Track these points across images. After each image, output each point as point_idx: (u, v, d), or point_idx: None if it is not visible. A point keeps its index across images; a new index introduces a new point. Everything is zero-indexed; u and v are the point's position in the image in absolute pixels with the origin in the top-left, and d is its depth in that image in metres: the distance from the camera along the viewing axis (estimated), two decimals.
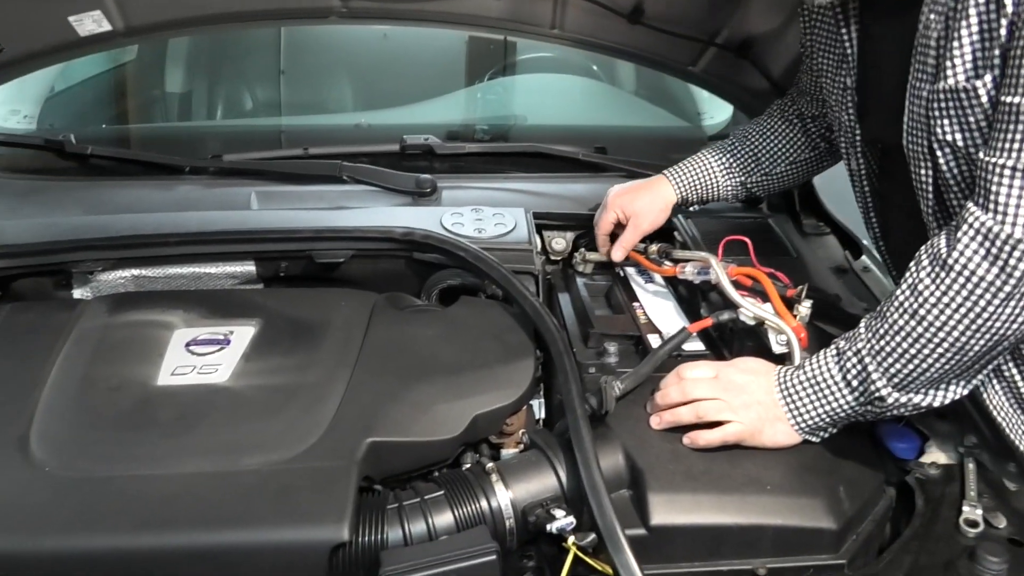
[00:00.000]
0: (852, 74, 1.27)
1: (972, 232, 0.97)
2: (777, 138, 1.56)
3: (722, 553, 1.03)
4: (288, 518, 0.95)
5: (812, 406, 1.09)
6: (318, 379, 1.16)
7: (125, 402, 1.13)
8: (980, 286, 0.96)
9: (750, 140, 1.58)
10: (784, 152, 1.57)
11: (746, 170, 1.57)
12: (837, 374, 1.08)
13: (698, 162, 1.58)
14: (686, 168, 1.57)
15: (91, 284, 1.48)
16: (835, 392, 1.08)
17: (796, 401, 1.10)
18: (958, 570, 1.01)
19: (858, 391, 1.07)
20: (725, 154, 1.58)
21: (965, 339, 0.99)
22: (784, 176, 1.58)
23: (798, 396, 1.10)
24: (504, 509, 1.03)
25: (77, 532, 0.94)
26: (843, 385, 1.08)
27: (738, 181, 1.58)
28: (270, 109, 2.55)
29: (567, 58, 2.53)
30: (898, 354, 1.03)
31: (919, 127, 1.10)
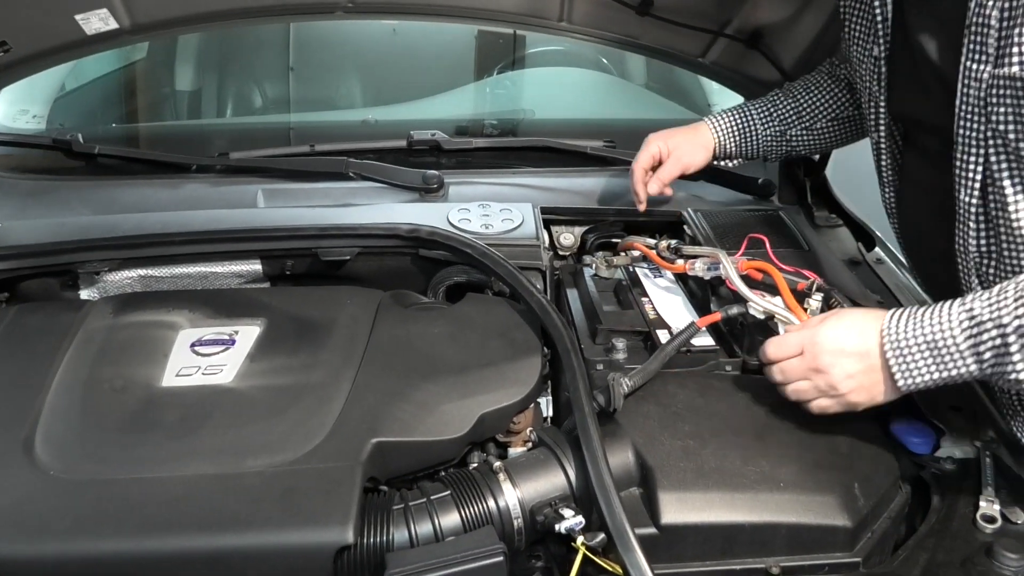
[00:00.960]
0: (880, 44, 1.24)
1: None
2: (821, 92, 1.54)
3: (734, 552, 1.01)
4: (293, 520, 0.94)
5: (927, 370, 1.01)
6: (323, 379, 1.15)
7: (130, 404, 1.12)
8: None
9: (793, 93, 1.56)
10: (827, 107, 1.54)
11: (786, 121, 1.55)
12: (963, 342, 0.98)
13: (737, 110, 1.57)
14: (725, 115, 1.56)
15: (98, 284, 1.48)
16: (957, 360, 0.99)
17: (909, 362, 1.01)
18: (976, 567, 0.99)
19: (988, 364, 0.98)
20: (766, 104, 1.57)
21: None
22: (825, 133, 1.56)
23: (911, 357, 1.01)
24: (512, 509, 1.01)
25: (81, 536, 0.94)
26: (969, 355, 0.98)
27: (777, 131, 1.55)
28: (279, 106, 2.55)
29: (576, 51, 2.51)
30: None
31: (975, 113, 1.06)
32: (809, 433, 1.12)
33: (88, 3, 1.65)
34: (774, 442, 1.10)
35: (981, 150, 1.07)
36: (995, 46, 1.01)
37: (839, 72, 1.55)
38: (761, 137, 1.55)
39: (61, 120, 2.21)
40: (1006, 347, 0.96)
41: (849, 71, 1.50)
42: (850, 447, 1.11)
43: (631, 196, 1.64)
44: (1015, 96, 0.99)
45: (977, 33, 1.03)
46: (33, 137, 1.99)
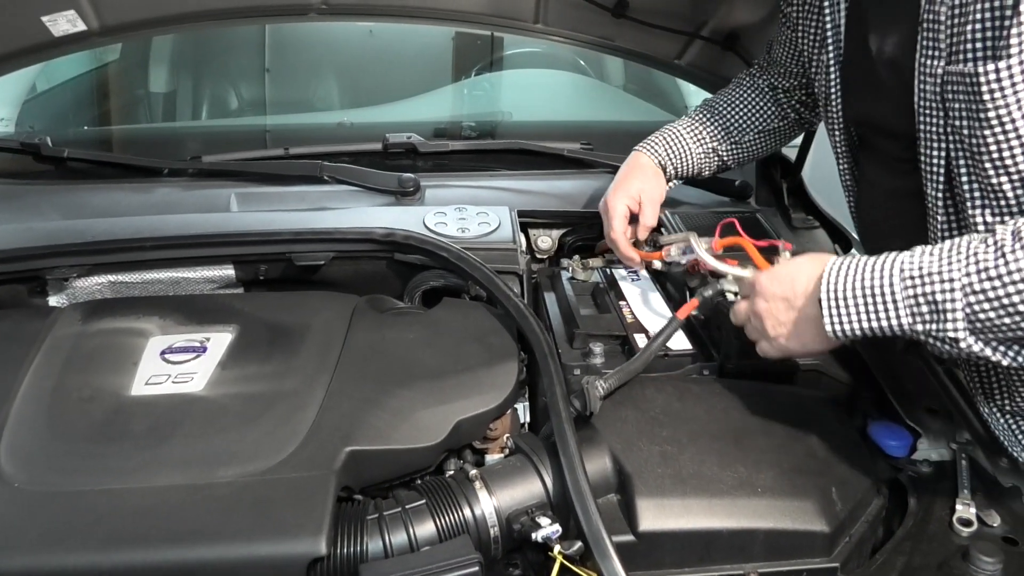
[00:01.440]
0: (830, 50, 1.24)
1: None
2: (746, 107, 1.55)
3: (713, 558, 1.01)
4: (264, 532, 0.92)
5: (858, 318, 1.00)
6: (296, 386, 1.13)
7: (97, 413, 1.10)
8: None
9: (718, 110, 1.56)
10: (754, 121, 1.55)
11: (716, 137, 1.54)
12: (900, 292, 0.96)
13: (668, 132, 1.55)
14: (657, 138, 1.54)
15: (67, 291, 1.45)
16: (891, 311, 0.97)
17: (840, 308, 1.00)
18: (952, 571, 0.99)
19: (921, 319, 0.96)
20: (694, 123, 1.55)
21: None
22: (752, 146, 1.57)
23: (844, 304, 1.00)
24: (488, 517, 1.00)
25: (47, 549, 0.91)
26: (903, 307, 0.96)
27: (709, 148, 1.55)
28: (255, 108, 2.52)
29: (554, 53, 2.51)
30: (1002, 307, 0.90)
31: (932, 108, 1.06)
32: (787, 437, 1.12)
33: (55, 4, 1.62)
34: (752, 447, 1.09)
35: (943, 144, 1.07)
36: (946, 42, 1.01)
37: (760, 83, 1.56)
38: (694, 155, 1.54)
39: (31, 123, 2.17)
40: (951, 303, 0.94)
41: (782, 77, 1.52)
42: (827, 451, 1.11)
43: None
44: (966, 92, 1.00)
45: (929, 29, 1.03)
46: (0, 140, 1.95)
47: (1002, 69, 0.96)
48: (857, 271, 1.00)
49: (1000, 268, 0.91)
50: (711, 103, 1.57)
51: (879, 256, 1.00)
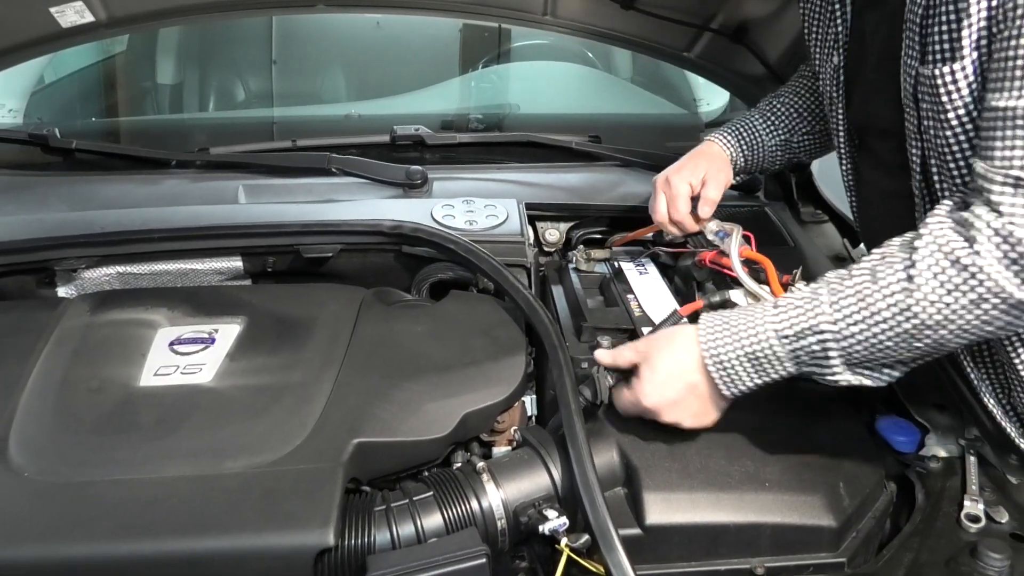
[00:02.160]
0: (840, 51, 1.24)
1: (989, 233, 0.89)
2: (814, 94, 1.49)
3: (719, 552, 1.01)
4: (272, 523, 0.93)
5: (749, 377, 1.04)
6: (304, 378, 1.13)
7: (106, 404, 1.10)
8: (992, 290, 0.89)
9: (789, 100, 1.51)
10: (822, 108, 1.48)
11: (789, 127, 1.50)
12: (782, 351, 1.00)
13: (741, 123, 1.51)
14: (730, 130, 1.50)
15: (75, 282, 1.46)
16: (776, 366, 1.02)
17: (732, 375, 1.04)
18: (960, 567, 0.99)
19: (807, 366, 1.01)
20: (766, 114, 1.51)
21: (953, 339, 0.94)
22: (825, 135, 1.50)
23: (733, 370, 1.03)
24: (495, 510, 1.00)
25: (56, 539, 0.92)
26: (788, 361, 1.01)
27: (782, 139, 1.50)
28: (262, 100, 2.51)
29: (562, 45, 2.50)
30: (871, 344, 0.97)
31: (910, 107, 1.07)
32: (794, 432, 1.12)
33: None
34: (759, 441, 1.09)
35: (918, 143, 1.08)
36: (919, 43, 1.02)
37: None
38: (768, 147, 1.50)
39: (39, 114, 2.17)
40: (825, 352, 0.99)
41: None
42: (835, 446, 1.11)
43: (616, 191, 1.63)
44: (931, 93, 1.00)
45: (909, 29, 1.04)
46: (8, 131, 1.96)
47: (956, 71, 0.96)
48: (733, 338, 1.03)
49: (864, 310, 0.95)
50: (780, 95, 1.52)
51: (747, 316, 1.03)
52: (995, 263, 0.88)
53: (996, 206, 0.89)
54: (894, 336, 0.95)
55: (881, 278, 0.95)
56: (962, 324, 0.92)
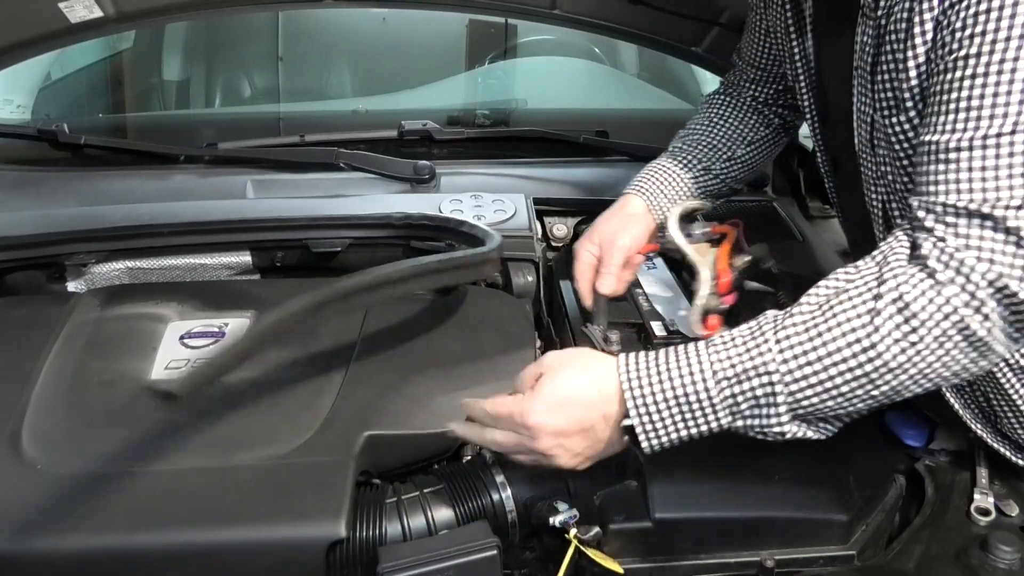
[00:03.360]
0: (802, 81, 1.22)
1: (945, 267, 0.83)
2: (727, 122, 1.46)
3: (729, 545, 1.01)
4: (284, 515, 0.93)
5: (675, 428, 0.91)
6: (314, 372, 1.14)
7: (118, 397, 1.11)
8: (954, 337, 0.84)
9: (699, 131, 1.46)
10: (740, 133, 1.46)
11: (706, 158, 1.43)
12: (718, 396, 0.90)
13: (653, 167, 1.43)
14: (644, 176, 1.42)
15: (85, 276, 1.46)
16: (708, 415, 0.91)
17: (656, 423, 0.91)
18: (969, 560, 0.99)
19: (742, 415, 0.91)
20: (678, 152, 1.44)
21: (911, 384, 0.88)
22: (749, 157, 1.47)
23: (659, 418, 0.91)
24: (506, 502, 1.00)
25: (70, 531, 0.92)
26: (722, 409, 0.90)
27: (701, 170, 1.43)
28: (268, 96, 2.52)
29: (568, 40, 2.50)
30: (825, 388, 0.88)
31: (867, 151, 1.07)
32: None
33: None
34: None
35: (876, 189, 1.08)
36: (870, 91, 1.01)
37: (734, 99, 1.48)
38: (686, 183, 1.41)
39: (47, 110, 2.18)
40: (772, 396, 0.89)
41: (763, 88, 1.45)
42: (844, 440, 1.10)
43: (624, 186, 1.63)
44: (887, 141, 1.00)
45: (860, 76, 1.03)
46: (17, 127, 1.96)
47: (905, 122, 0.96)
48: (660, 375, 0.91)
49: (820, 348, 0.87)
50: (690, 129, 1.47)
51: (681, 353, 0.91)
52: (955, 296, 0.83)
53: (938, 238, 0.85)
54: (851, 380, 0.87)
55: (840, 313, 0.87)
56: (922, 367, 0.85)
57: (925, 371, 0.86)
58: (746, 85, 1.47)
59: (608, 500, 1.02)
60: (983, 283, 0.82)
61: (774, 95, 1.46)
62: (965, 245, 0.83)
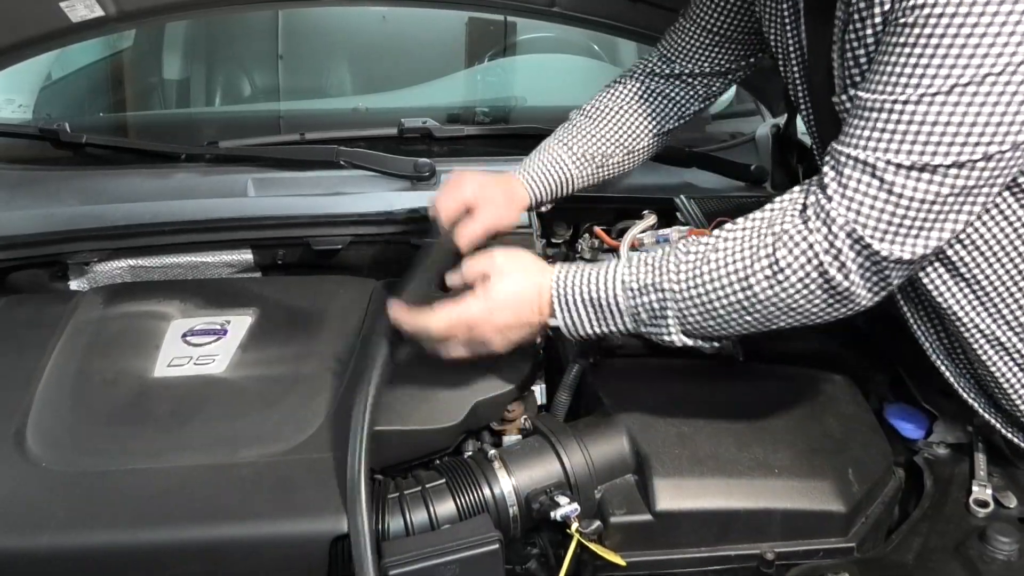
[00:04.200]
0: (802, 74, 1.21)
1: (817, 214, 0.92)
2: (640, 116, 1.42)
3: (730, 538, 1.02)
4: (287, 510, 0.94)
5: (588, 322, 1.06)
6: (316, 369, 1.15)
7: (121, 395, 1.11)
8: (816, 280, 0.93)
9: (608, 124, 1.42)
10: (649, 127, 1.43)
11: (605, 155, 1.42)
12: (624, 303, 1.03)
13: (550, 162, 1.42)
14: (537, 169, 1.42)
15: (87, 275, 1.47)
16: (616, 320, 1.04)
17: (575, 317, 1.06)
18: (968, 551, 1.00)
19: (642, 323, 1.04)
20: (579, 144, 1.42)
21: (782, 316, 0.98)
22: (648, 150, 1.46)
23: (577, 313, 1.06)
24: (507, 497, 1.01)
25: (75, 528, 0.93)
26: (628, 317, 1.04)
27: (596, 166, 1.42)
28: (269, 94, 2.52)
29: (568, 38, 2.49)
30: (706, 310, 0.99)
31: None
32: (803, 419, 1.13)
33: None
34: (768, 428, 1.10)
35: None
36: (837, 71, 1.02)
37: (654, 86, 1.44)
38: (576, 179, 1.42)
39: (48, 109, 2.18)
40: (664, 310, 1.01)
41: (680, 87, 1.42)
42: (844, 433, 1.12)
43: (624, 182, 1.63)
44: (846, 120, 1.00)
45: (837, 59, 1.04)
46: (19, 127, 1.97)
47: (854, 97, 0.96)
48: (583, 281, 1.06)
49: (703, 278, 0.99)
50: (596, 115, 1.44)
51: (602, 267, 1.06)
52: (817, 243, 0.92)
53: (824, 187, 0.92)
54: (727, 306, 0.98)
55: (730, 249, 0.98)
56: (789, 303, 0.95)
57: (792, 306, 0.96)
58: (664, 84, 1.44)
59: (609, 494, 1.03)
60: (841, 234, 0.91)
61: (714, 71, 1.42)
62: (841, 195, 0.91)
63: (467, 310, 1.06)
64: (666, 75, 1.44)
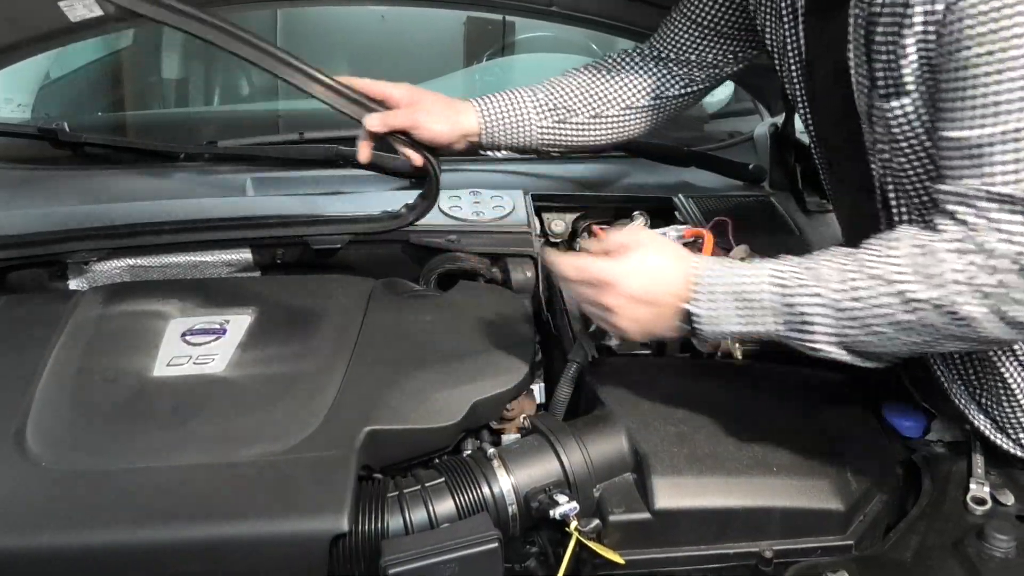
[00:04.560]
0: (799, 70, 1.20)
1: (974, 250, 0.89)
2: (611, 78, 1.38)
3: (728, 536, 1.02)
4: (287, 509, 0.94)
5: (736, 320, 0.98)
6: (315, 368, 1.15)
7: (121, 394, 1.11)
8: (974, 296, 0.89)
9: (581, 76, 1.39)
10: (617, 92, 1.38)
11: (566, 107, 1.37)
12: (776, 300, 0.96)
13: (508, 95, 1.37)
14: (493, 98, 1.36)
15: (86, 274, 1.47)
16: (764, 319, 0.97)
17: (719, 311, 0.98)
18: (966, 549, 1.00)
19: (791, 329, 0.97)
20: (540, 90, 1.38)
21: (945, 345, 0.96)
22: (618, 121, 1.40)
23: (722, 307, 0.98)
24: (506, 495, 1.01)
25: (75, 527, 0.93)
26: (778, 317, 0.96)
27: (555, 119, 1.36)
28: (267, 94, 2.52)
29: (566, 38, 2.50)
30: (867, 326, 0.94)
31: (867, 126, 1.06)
32: (802, 418, 1.13)
33: None
34: (767, 427, 1.10)
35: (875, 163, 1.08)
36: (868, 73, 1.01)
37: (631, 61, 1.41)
38: (534, 125, 1.36)
39: (47, 109, 2.18)
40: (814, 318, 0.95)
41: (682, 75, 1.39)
42: (842, 431, 1.12)
43: (622, 182, 1.64)
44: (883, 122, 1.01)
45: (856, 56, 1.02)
46: (18, 126, 1.97)
47: (907, 106, 0.97)
48: (729, 272, 1.00)
49: (869, 291, 0.93)
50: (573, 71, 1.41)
51: (747, 263, 1.02)
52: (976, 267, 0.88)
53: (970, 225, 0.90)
54: (887, 325, 0.92)
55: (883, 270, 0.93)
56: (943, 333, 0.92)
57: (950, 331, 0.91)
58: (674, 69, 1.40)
59: (608, 492, 1.04)
60: (1005, 261, 0.87)
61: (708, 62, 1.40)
62: (996, 229, 0.88)
63: (601, 267, 1.02)
64: (646, 55, 1.42)
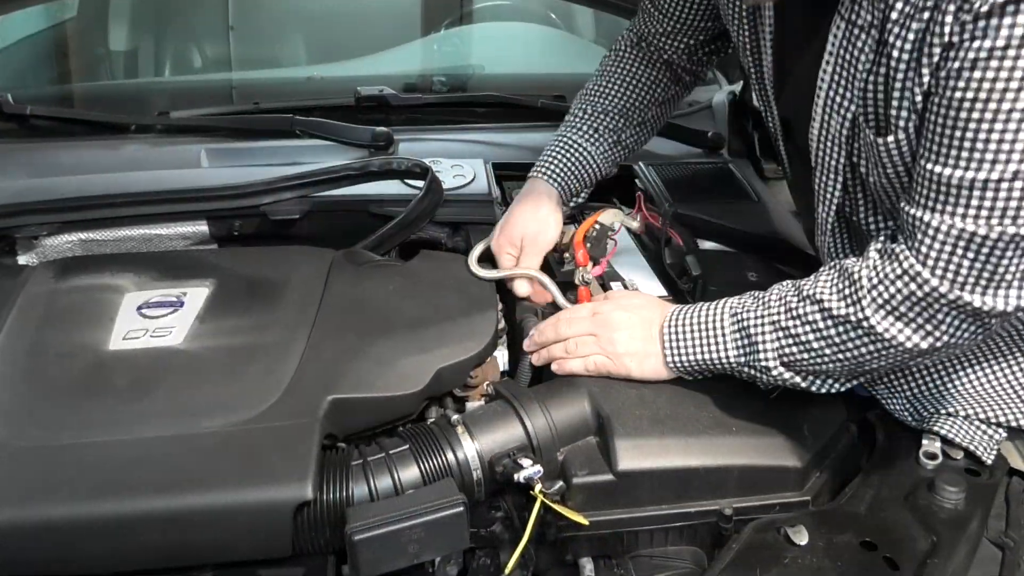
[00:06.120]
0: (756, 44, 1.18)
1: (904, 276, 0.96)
2: (640, 82, 1.41)
3: (689, 495, 1.04)
4: (250, 478, 0.93)
5: (691, 350, 1.11)
6: (276, 338, 1.14)
7: (77, 368, 1.09)
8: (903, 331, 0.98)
9: (610, 95, 1.40)
10: (651, 95, 1.42)
11: (617, 127, 1.39)
12: (729, 326, 1.09)
13: (563, 141, 1.38)
14: (555, 155, 1.37)
15: (36, 249, 1.43)
16: (719, 344, 1.09)
17: (677, 341, 1.11)
18: (917, 501, 1.04)
19: (744, 356, 1.08)
20: (587, 121, 1.39)
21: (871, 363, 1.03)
22: (655, 121, 1.45)
23: (680, 337, 1.11)
24: (471, 461, 1.02)
25: (34, 502, 0.91)
26: (732, 345, 1.08)
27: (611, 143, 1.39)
28: (220, 66, 2.47)
29: (525, 6, 2.49)
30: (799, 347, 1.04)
31: (835, 144, 1.07)
32: None
33: None
34: (726, 389, 1.12)
35: (839, 177, 1.10)
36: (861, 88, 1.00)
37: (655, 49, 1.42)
38: (596, 159, 1.38)
39: None
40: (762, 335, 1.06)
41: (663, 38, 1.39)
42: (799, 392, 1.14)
43: None
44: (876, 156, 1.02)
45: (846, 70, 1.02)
46: None
47: (901, 141, 0.98)
48: (693, 311, 1.13)
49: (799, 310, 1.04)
50: (599, 91, 1.41)
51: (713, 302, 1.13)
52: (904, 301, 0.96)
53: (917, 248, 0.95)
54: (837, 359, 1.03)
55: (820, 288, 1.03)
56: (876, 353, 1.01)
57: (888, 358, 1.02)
58: (658, 38, 1.40)
59: (571, 455, 1.05)
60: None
61: (688, 50, 1.40)
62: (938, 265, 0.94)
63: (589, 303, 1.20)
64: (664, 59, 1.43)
